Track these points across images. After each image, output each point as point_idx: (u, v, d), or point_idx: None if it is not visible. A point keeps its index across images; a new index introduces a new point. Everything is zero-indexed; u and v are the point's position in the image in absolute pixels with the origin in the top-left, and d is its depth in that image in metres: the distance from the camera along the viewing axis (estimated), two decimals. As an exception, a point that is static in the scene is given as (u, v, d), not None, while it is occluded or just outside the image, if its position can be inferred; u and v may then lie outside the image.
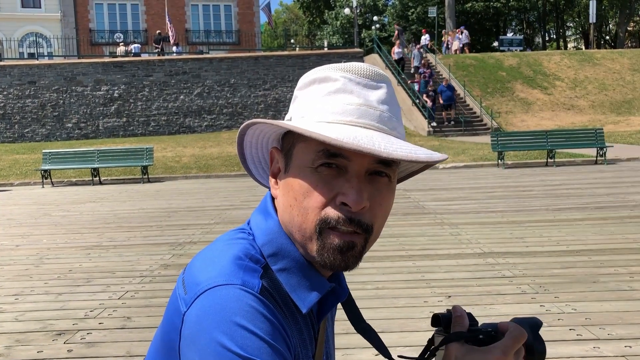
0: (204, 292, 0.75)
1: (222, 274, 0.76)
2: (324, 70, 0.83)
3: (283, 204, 0.83)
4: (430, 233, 6.81)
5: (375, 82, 0.81)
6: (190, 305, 0.75)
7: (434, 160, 0.77)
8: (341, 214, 0.77)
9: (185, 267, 0.84)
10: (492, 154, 15.15)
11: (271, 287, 0.79)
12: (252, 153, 0.93)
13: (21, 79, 23.80)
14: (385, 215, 0.83)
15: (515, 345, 0.78)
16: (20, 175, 15.94)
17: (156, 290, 4.92)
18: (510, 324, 0.81)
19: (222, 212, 9.15)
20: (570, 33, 55.82)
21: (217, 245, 0.84)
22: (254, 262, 0.79)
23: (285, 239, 0.83)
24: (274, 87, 24.87)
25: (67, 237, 7.52)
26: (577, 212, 7.72)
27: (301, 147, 0.81)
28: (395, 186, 0.85)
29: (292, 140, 0.83)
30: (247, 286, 0.75)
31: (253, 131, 0.88)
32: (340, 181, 0.78)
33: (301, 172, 0.80)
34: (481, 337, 0.80)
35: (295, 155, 0.81)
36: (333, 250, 0.78)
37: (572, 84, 25.37)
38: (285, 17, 72.61)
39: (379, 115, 0.79)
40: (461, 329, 0.80)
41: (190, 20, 37.73)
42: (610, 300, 4.18)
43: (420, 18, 41.67)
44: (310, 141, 0.79)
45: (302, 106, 0.83)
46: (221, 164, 16.43)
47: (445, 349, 0.80)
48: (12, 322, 4.26)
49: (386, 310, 4.16)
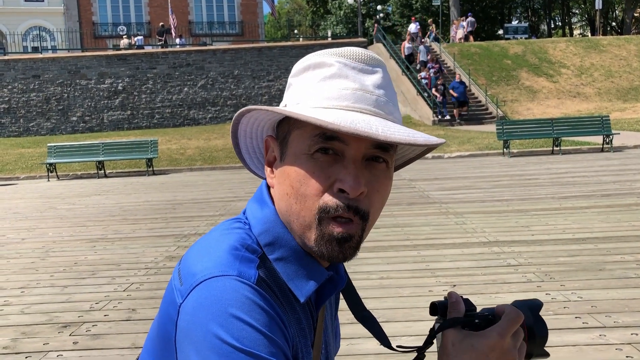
0: (200, 283, 0.73)
1: (218, 264, 0.75)
2: (318, 56, 0.81)
3: (279, 193, 0.82)
4: (435, 222, 6.79)
5: (370, 66, 0.80)
6: (186, 296, 0.74)
7: (432, 144, 0.75)
8: (339, 202, 0.76)
9: (181, 258, 0.83)
10: (498, 142, 15.08)
11: (268, 277, 0.77)
12: (246, 143, 0.92)
13: (25, 73, 23.83)
14: (383, 202, 0.82)
15: (512, 327, 0.77)
16: (26, 169, 16.00)
17: (161, 282, 4.93)
18: (507, 307, 0.80)
19: (226, 204, 9.16)
20: (575, 20, 55.38)
21: (213, 235, 0.82)
22: (251, 252, 0.78)
23: (281, 228, 0.81)
24: (278, 78, 24.81)
25: (72, 230, 7.54)
26: (583, 200, 7.68)
27: (297, 134, 0.79)
28: (393, 173, 0.84)
29: (288, 128, 0.81)
30: (243, 277, 0.74)
31: (247, 120, 0.86)
32: (337, 167, 0.77)
33: (297, 160, 0.78)
34: (477, 322, 0.79)
35: (291, 143, 0.80)
36: (331, 241, 0.77)
37: (578, 72, 25.18)
38: (289, 7, 72.32)
39: (375, 100, 0.78)
40: (457, 315, 0.79)
41: (194, 12, 37.63)
42: (617, 288, 4.16)
43: (425, 7, 41.42)
44: (306, 127, 0.77)
45: (296, 92, 0.81)
46: (225, 156, 16.43)
47: (442, 335, 0.79)
48: (18, 314, 4.28)
49: (391, 300, 4.16)
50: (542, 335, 0.83)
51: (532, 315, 0.83)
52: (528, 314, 0.82)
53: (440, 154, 14.80)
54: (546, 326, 0.83)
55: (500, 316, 0.79)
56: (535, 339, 0.82)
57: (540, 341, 0.83)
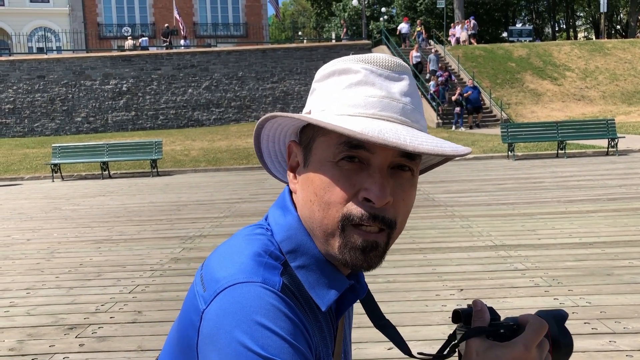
0: (224, 289, 0.72)
1: (242, 270, 0.74)
2: (344, 62, 0.80)
3: (302, 199, 0.81)
4: (441, 226, 6.76)
5: (397, 73, 0.79)
6: (210, 303, 0.73)
7: (460, 154, 0.74)
8: (364, 211, 0.75)
9: (202, 263, 0.82)
10: (502, 145, 15.05)
11: (291, 284, 0.77)
12: (268, 147, 0.91)
13: (30, 73, 23.89)
14: (408, 211, 0.81)
15: (536, 338, 0.76)
16: (31, 170, 16.03)
17: (167, 284, 4.92)
18: (531, 317, 0.78)
19: (231, 205, 9.15)
20: (580, 23, 55.28)
21: (236, 240, 0.81)
22: (274, 259, 0.77)
23: (304, 235, 0.80)
24: (282, 80, 24.81)
25: (77, 231, 7.54)
26: (589, 204, 7.65)
27: (322, 140, 0.78)
28: (417, 180, 0.82)
29: (312, 134, 0.80)
30: (268, 284, 0.73)
31: (271, 124, 0.85)
32: (363, 176, 0.76)
33: (322, 167, 0.77)
34: (502, 332, 0.78)
35: (315, 149, 0.79)
36: (355, 249, 0.76)
37: (582, 75, 25.13)
38: (293, 9, 72.39)
39: (402, 108, 0.77)
40: (482, 324, 0.78)
41: (198, 14, 37.70)
42: (626, 294, 4.13)
43: (429, 9, 41.40)
44: (331, 134, 0.76)
45: (321, 99, 0.80)
46: (230, 157, 16.43)
47: (465, 344, 0.78)
48: (24, 316, 4.27)
49: (398, 304, 4.13)
50: (567, 345, 0.81)
51: (556, 325, 0.82)
52: (552, 324, 0.81)
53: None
54: (571, 337, 0.82)
55: (524, 325, 0.78)
56: (561, 350, 0.81)
57: (566, 351, 0.82)
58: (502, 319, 0.80)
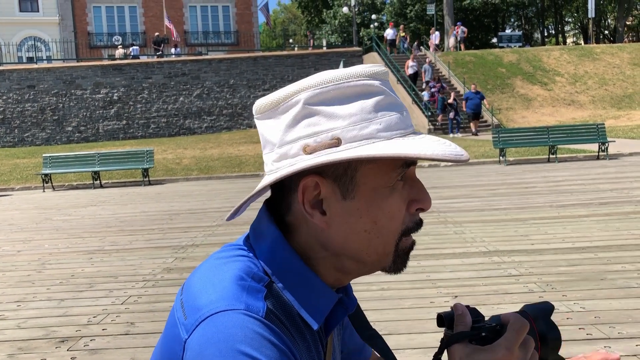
0: (206, 318, 0.70)
1: (223, 297, 0.71)
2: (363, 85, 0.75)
3: (352, 231, 0.76)
4: (434, 232, 6.76)
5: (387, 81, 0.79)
6: (192, 332, 0.70)
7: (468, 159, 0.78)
8: (417, 220, 0.79)
9: (182, 286, 0.79)
10: (494, 150, 15.10)
11: (276, 307, 0.74)
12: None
13: (20, 83, 23.77)
14: None
15: (518, 338, 0.74)
16: (21, 180, 15.91)
17: (159, 295, 4.88)
18: (512, 316, 0.77)
19: (224, 214, 9.11)
20: (569, 28, 55.77)
21: (216, 262, 0.78)
22: (257, 281, 0.74)
23: (288, 253, 0.78)
24: (274, 87, 24.82)
25: (68, 242, 7.48)
26: (581, 208, 7.68)
27: (370, 168, 0.75)
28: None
29: (348, 164, 0.75)
30: (251, 310, 0.70)
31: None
32: (407, 188, 0.78)
33: (379, 194, 0.76)
34: (484, 335, 0.76)
35: (362, 179, 0.75)
36: (405, 254, 0.79)
37: (572, 79, 25.31)
38: (284, 17, 72.57)
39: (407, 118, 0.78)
40: (464, 328, 0.77)
41: (189, 22, 37.69)
42: (619, 298, 4.13)
43: (419, 16, 41.65)
44: (381, 160, 0.75)
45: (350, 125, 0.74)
46: (222, 166, 16.39)
47: (448, 352, 0.77)
48: (14, 329, 4.21)
49: (393, 311, 4.12)
50: (554, 339, 0.80)
51: (542, 319, 0.80)
52: (539, 319, 0.80)
53: (436, 162, 14.81)
54: (558, 330, 0.80)
55: (506, 324, 0.76)
56: (548, 344, 0.79)
57: (554, 345, 0.80)
58: (487, 318, 0.79)
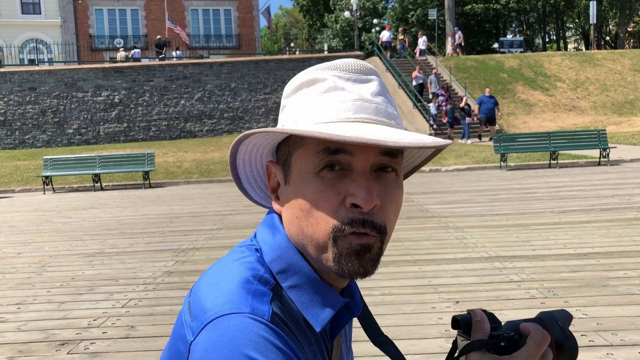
0: (211, 321, 0.70)
1: (230, 300, 0.71)
2: (309, 73, 0.79)
3: (289, 218, 0.78)
4: (435, 237, 6.75)
5: (365, 75, 0.78)
6: (197, 335, 0.70)
7: (441, 145, 0.73)
8: (354, 217, 0.73)
9: (191, 289, 0.80)
10: (495, 156, 15.10)
11: (282, 310, 0.74)
12: (246, 172, 0.89)
13: (22, 85, 23.78)
14: (397, 213, 0.79)
15: (539, 351, 0.74)
16: (22, 182, 15.90)
17: (160, 298, 4.86)
18: (532, 326, 0.76)
19: (224, 217, 9.10)
20: (570, 34, 55.83)
21: (224, 265, 0.79)
22: (263, 284, 0.74)
23: (294, 254, 0.78)
24: (275, 91, 24.84)
25: (69, 244, 7.47)
26: (582, 214, 7.66)
27: (299, 153, 0.76)
28: (402, 181, 0.81)
29: (288, 149, 0.79)
30: (256, 314, 0.70)
31: (245, 147, 0.84)
32: (347, 182, 0.74)
33: (304, 180, 0.76)
34: (503, 344, 0.75)
35: (294, 164, 0.77)
36: (350, 255, 0.74)
37: (573, 85, 25.32)
38: (285, 20, 72.68)
39: (375, 108, 0.76)
40: (482, 336, 0.76)
41: (191, 25, 37.74)
42: (622, 305, 4.12)
43: (420, 20, 41.69)
44: (308, 145, 0.75)
45: (293, 112, 0.79)
46: (222, 169, 16.38)
47: (465, 358, 0.76)
48: (14, 332, 4.20)
49: (394, 317, 4.10)
50: (571, 349, 0.79)
51: (560, 328, 0.79)
52: (556, 327, 0.79)
53: (437, 167, 14.80)
54: (575, 340, 0.80)
55: (525, 335, 0.76)
56: (564, 354, 0.79)
57: (570, 355, 0.79)
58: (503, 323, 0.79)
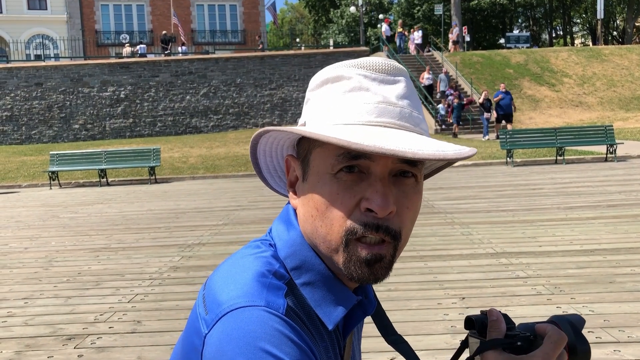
0: (226, 314, 0.69)
1: (245, 293, 0.71)
2: (336, 69, 0.77)
3: (304, 215, 0.78)
4: (441, 233, 6.74)
5: (392, 76, 0.76)
6: (212, 327, 0.70)
7: (464, 156, 0.71)
8: (368, 222, 0.72)
9: (205, 282, 0.79)
10: (501, 152, 15.04)
11: (296, 305, 0.74)
12: (267, 162, 0.88)
13: (28, 80, 23.86)
14: (414, 219, 0.78)
15: (555, 351, 0.74)
16: (28, 177, 15.97)
17: (166, 293, 4.88)
18: (549, 327, 0.76)
19: (230, 212, 9.11)
20: (577, 29, 55.49)
21: (239, 259, 0.78)
22: (278, 279, 0.74)
23: (308, 251, 0.77)
24: (280, 87, 24.82)
25: (75, 239, 7.50)
26: (589, 211, 7.63)
27: (318, 152, 0.75)
28: (422, 186, 0.79)
29: (308, 146, 0.77)
30: (271, 307, 0.69)
31: (266, 139, 0.83)
32: (363, 185, 0.73)
33: (320, 180, 0.75)
34: (519, 344, 0.75)
35: (312, 162, 0.76)
36: (360, 263, 0.73)
37: (580, 81, 25.19)
38: (291, 16, 72.56)
39: (399, 112, 0.74)
40: (498, 335, 0.75)
41: (196, 21, 37.74)
42: (629, 302, 4.10)
43: (426, 16, 41.55)
44: (328, 145, 0.73)
45: (315, 109, 0.78)
46: (228, 164, 16.40)
47: (481, 357, 0.75)
48: (22, 326, 4.22)
49: (400, 313, 4.10)
50: (584, 352, 0.79)
51: (572, 331, 0.79)
52: (569, 330, 0.79)
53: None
54: (588, 343, 0.80)
55: (541, 335, 0.76)
56: (577, 357, 0.79)
57: (582, 358, 0.79)
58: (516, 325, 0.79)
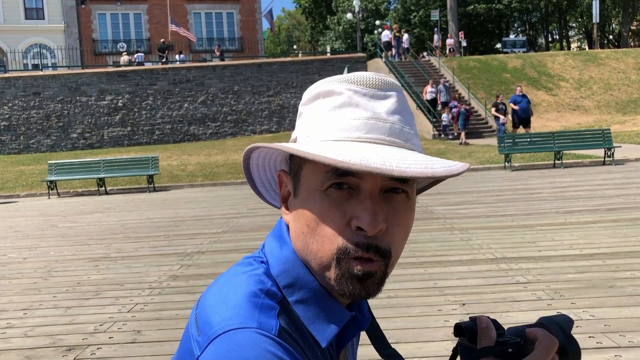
0: (218, 336, 0.69)
1: (237, 314, 0.70)
2: (327, 84, 0.77)
3: (295, 231, 0.78)
4: (440, 238, 6.73)
5: (382, 91, 0.75)
6: (204, 349, 0.69)
7: (454, 173, 0.70)
8: (359, 241, 0.72)
9: (198, 300, 0.79)
10: (499, 156, 15.06)
11: (289, 324, 0.74)
12: (260, 176, 0.89)
13: (26, 90, 23.87)
14: (405, 236, 0.77)
15: (548, 356, 0.73)
16: (27, 187, 15.95)
17: (166, 303, 4.86)
18: (539, 332, 0.75)
19: (229, 220, 9.10)
20: (573, 33, 55.70)
21: (231, 277, 0.78)
22: (270, 298, 0.74)
23: (301, 268, 0.77)
24: (278, 94, 24.86)
25: (74, 249, 7.48)
26: (588, 215, 7.63)
27: (309, 168, 0.75)
28: (415, 202, 0.79)
29: (299, 162, 0.77)
30: (264, 329, 0.69)
31: (258, 154, 0.83)
32: (353, 203, 0.72)
33: (311, 197, 0.74)
34: (511, 351, 0.75)
35: (303, 178, 0.76)
36: (352, 278, 0.73)
37: (577, 85, 25.26)
38: (288, 23, 72.75)
39: (389, 128, 0.73)
40: (488, 342, 0.75)
41: (193, 29, 37.81)
42: (629, 306, 4.10)
43: (423, 21, 41.68)
44: (317, 162, 0.73)
45: (306, 124, 0.78)
46: (227, 172, 16.40)
47: None
48: (21, 337, 4.21)
49: (400, 320, 4.09)
50: (574, 353, 0.79)
51: (562, 333, 0.79)
52: (558, 331, 0.79)
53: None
54: (578, 344, 0.79)
55: (532, 340, 0.75)
56: (568, 358, 0.79)
57: (573, 359, 0.79)
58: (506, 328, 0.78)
